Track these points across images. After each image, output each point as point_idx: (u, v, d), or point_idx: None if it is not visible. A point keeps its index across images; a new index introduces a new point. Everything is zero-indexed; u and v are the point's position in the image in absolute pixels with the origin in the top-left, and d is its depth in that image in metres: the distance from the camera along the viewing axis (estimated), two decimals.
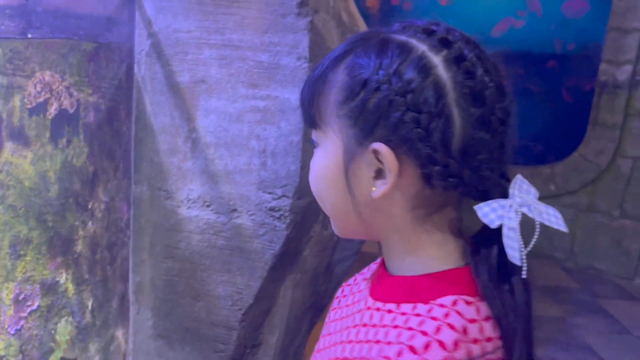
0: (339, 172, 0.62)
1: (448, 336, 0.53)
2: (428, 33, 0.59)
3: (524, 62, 4.91)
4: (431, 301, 0.57)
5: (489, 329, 0.56)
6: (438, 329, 0.53)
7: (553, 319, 3.50)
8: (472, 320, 0.55)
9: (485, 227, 0.58)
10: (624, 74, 4.18)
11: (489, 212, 0.57)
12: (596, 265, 4.46)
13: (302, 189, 1.64)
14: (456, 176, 0.56)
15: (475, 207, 0.57)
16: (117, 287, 1.73)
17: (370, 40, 0.61)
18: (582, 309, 3.73)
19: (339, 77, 0.60)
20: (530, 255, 0.59)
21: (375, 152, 0.58)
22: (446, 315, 0.55)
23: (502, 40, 4.98)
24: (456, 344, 0.53)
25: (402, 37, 0.59)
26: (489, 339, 0.55)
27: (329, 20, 1.79)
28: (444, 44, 0.58)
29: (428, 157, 0.56)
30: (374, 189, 0.59)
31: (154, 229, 1.71)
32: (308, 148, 1.64)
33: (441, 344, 0.52)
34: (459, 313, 0.55)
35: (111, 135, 1.61)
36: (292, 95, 1.60)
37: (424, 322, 0.55)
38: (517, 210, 0.59)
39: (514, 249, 0.56)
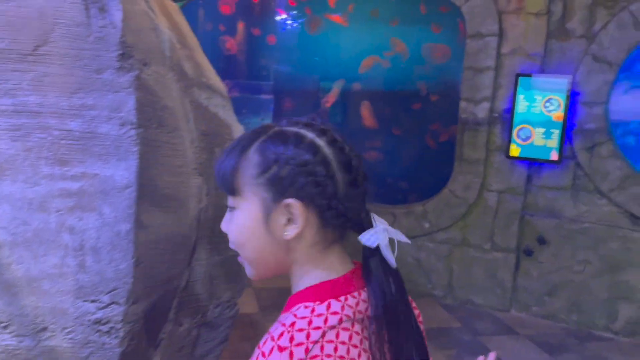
0: (259, 224, 0.85)
1: (285, 340, 0.75)
2: (310, 126, 0.86)
3: (391, 102, 4.93)
4: (292, 309, 0.82)
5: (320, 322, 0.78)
6: (281, 335, 0.76)
7: None
8: (307, 320, 0.78)
9: (365, 251, 0.85)
10: (482, 111, 4.33)
11: (369, 238, 0.83)
12: (474, 300, 4.50)
13: (138, 290, 1.28)
14: (343, 216, 0.83)
15: (359, 237, 0.84)
16: None
17: (268, 131, 0.86)
18: (465, 350, 3.67)
19: (253, 157, 0.84)
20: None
21: (288, 206, 0.82)
22: (292, 324, 0.77)
23: (368, 78, 4.97)
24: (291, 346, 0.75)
25: (294, 129, 0.86)
26: (317, 327, 0.77)
27: (164, 74, 1.47)
28: (323, 132, 0.86)
29: (325, 205, 0.82)
30: (286, 232, 0.83)
31: None
32: (143, 237, 1.29)
33: (280, 348, 0.74)
34: (300, 317, 0.79)
35: None
36: (117, 172, 1.25)
37: (276, 328, 0.78)
38: (385, 234, 0.84)
39: (391, 257, 0.84)
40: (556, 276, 4.24)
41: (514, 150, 4.21)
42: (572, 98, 4.04)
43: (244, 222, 0.86)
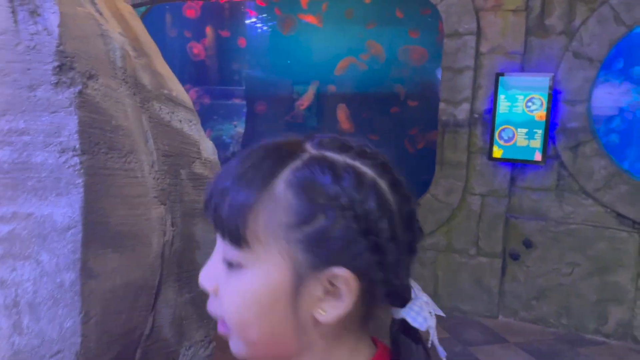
0: (283, 297, 0.58)
1: None
2: (364, 155, 0.60)
3: (368, 106, 4.76)
4: None
5: None
6: None
7: None
8: None
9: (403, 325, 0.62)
10: (462, 112, 4.19)
11: (415, 317, 0.61)
12: (461, 307, 4.36)
13: (90, 350, 1.07)
14: (394, 292, 0.61)
15: (405, 317, 0.61)
16: None
17: (301, 154, 0.59)
18: None
19: (286, 196, 0.56)
20: None
21: (335, 277, 0.57)
22: None
23: (344, 80, 4.80)
24: None
25: (343, 158, 0.59)
26: None
27: (115, 88, 1.25)
28: (383, 168, 0.61)
29: (381, 278, 0.58)
30: (323, 312, 0.58)
31: None
32: (93, 287, 1.07)
33: None
34: None
35: None
36: (57, 209, 1.03)
37: None
38: (429, 311, 0.62)
39: (437, 343, 0.63)
40: (544, 280, 4.13)
41: (497, 152, 4.08)
42: (554, 96, 3.93)
43: (258, 292, 0.58)
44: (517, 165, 4.13)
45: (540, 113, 3.93)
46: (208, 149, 1.77)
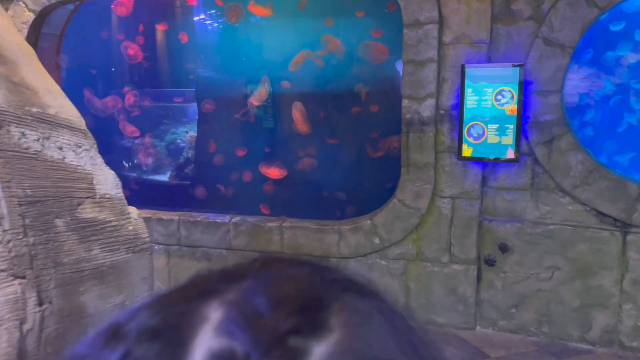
0: None
1: None
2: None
3: (327, 105, 4.35)
4: None
5: None
6: None
7: None
8: None
9: None
10: (427, 109, 3.84)
11: None
12: (436, 319, 4.02)
13: None
14: None
15: None
16: None
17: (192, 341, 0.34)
18: None
19: None
20: None
21: None
22: None
23: (300, 76, 4.37)
24: None
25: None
26: None
27: None
28: None
29: None
30: None
31: None
32: None
33: None
34: None
35: None
36: None
37: None
38: None
39: None
40: (523, 286, 3.83)
41: (466, 151, 3.75)
42: (525, 88, 3.62)
43: None
44: (488, 164, 3.81)
45: (511, 107, 3.62)
46: (107, 181, 1.33)
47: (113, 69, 5.31)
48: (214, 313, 0.34)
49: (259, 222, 4.46)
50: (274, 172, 5.13)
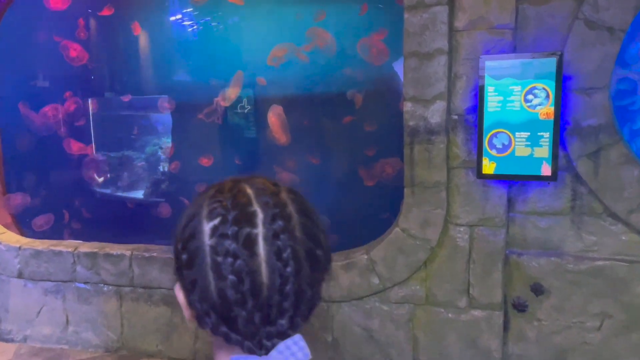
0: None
1: None
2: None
3: (312, 111, 3.50)
4: None
5: None
6: None
7: None
8: None
9: None
10: (436, 113, 3.02)
11: None
12: None
13: None
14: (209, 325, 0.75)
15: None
16: None
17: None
18: None
19: None
20: None
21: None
22: None
23: (280, 75, 3.51)
24: None
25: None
26: None
27: None
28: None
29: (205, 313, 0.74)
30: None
31: None
32: None
33: None
34: None
35: None
36: None
37: None
38: None
39: None
40: (563, 338, 3.00)
41: (487, 167, 2.93)
42: (563, 84, 2.80)
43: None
44: (515, 183, 2.99)
45: (545, 109, 2.79)
46: None
47: (59, 75, 4.47)
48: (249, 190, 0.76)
49: None
50: None
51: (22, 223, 4.56)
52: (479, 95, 2.90)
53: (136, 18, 4.19)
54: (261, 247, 0.70)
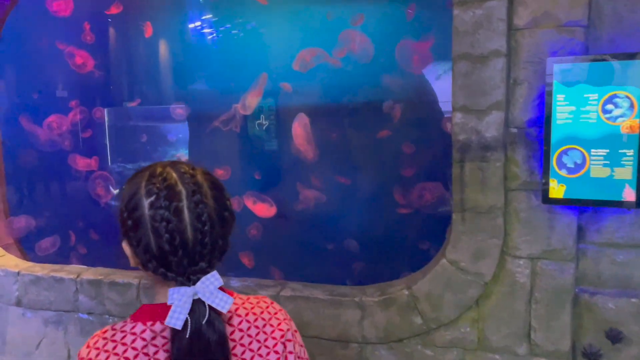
0: None
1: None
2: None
3: (342, 121, 3.06)
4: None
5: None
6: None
7: None
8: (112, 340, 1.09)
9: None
10: (492, 126, 2.56)
11: (172, 294, 1.04)
12: None
13: None
14: (151, 269, 1.10)
15: (169, 290, 1.05)
16: None
17: None
18: None
19: None
20: None
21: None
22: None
23: (308, 81, 3.09)
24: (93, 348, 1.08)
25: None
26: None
27: None
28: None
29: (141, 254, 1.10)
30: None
31: None
32: None
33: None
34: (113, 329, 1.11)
35: None
36: None
37: None
38: (192, 295, 1.04)
39: (178, 319, 1.02)
40: None
41: (556, 190, 2.46)
42: None
43: None
44: (587, 209, 2.52)
45: (629, 121, 2.32)
46: None
47: (65, 82, 4.13)
48: (174, 174, 1.10)
49: (245, 287, 3.19)
50: (262, 208, 3.85)
51: (25, 245, 4.20)
52: (545, 104, 2.44)
53: (148, 19, 3.82)
54: (186, 214, 1.05)
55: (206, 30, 4.21)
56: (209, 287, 1.03)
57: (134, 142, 5.88)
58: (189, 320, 1.02)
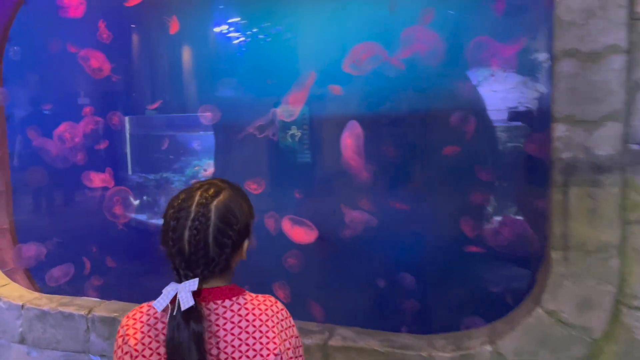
0: None
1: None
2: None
3: (400, 133, 2.53)
4: None
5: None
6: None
7: None
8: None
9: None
10: (605, 142, 2.02)
11: (168, 285, 1.29)
12: None
13: None
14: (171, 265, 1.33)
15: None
16: None
17: None
18: None
19: None
20: None
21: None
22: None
23: (361, 85, 2.56)
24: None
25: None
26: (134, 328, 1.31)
27: None
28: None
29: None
30: None
31: None
32: None
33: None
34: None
35: None
36: None
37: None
38: (176, 290, 1.27)
39: (161, 305, 1.27)
40: None
41: None
42: None
43: None
44: None
45: None
46: None
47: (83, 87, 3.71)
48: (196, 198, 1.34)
49: None
50: (300, 233, 3.31)
51: (35, 273, 3.74)
52: None
53: (174, 11, 3.35)
54: (186, 234, 1.28)
55: (238, 28, 3.75)
56: (185, 287, 1.26)
57: (154, 151, 5.44)
58: (169, 306, 1.26)
